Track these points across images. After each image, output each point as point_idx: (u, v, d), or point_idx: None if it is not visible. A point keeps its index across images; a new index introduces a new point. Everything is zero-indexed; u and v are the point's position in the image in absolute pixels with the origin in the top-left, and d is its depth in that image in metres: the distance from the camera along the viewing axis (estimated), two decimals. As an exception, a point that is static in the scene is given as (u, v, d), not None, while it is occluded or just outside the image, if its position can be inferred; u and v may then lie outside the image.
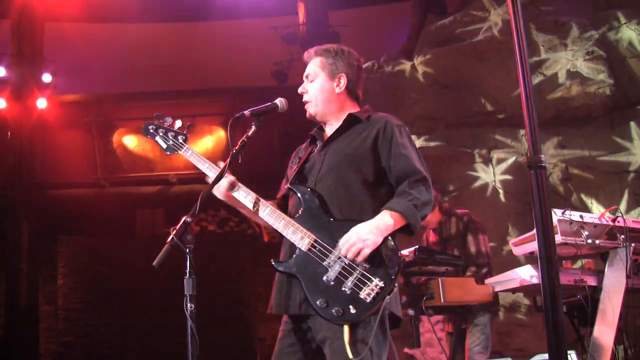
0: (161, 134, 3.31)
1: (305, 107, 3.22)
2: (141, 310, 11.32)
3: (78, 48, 11.97)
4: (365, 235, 2.76)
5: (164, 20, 12.35)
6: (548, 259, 2.39)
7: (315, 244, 2.86)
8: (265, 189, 3.42)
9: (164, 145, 3.31)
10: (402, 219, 2.84)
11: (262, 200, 3.06)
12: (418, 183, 2.92)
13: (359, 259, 2.76)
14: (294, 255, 2.91)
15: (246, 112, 3.02)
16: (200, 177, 3.24)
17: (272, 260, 2.96)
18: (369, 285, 2.74)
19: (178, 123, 3.31)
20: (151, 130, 3.34)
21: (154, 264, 2.61)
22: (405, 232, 2.90)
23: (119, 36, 12.30)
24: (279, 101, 3.14)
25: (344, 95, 3.20)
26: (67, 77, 11.88)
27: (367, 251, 2.76)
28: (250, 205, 3.04)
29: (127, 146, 12.54)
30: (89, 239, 12.50)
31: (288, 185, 3.09)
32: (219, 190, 3.09)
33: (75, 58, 11.96)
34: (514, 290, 4.91)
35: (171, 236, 2.66)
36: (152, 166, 12.55)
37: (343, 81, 3.19)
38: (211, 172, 3.14)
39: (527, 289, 4.75)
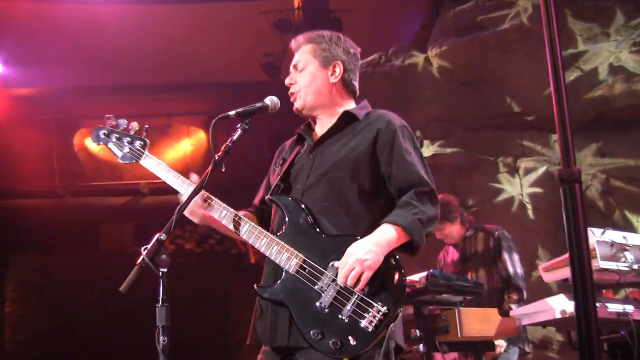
0: (115, 140, 3.28)
1: (292, 100, 3.23)
2: (106, 340, 11.26)
3: (33, 32, 11.94)
4: (364, 255, 2.74)
5: (135, 2, 12.34)
6: (583, 287, 2.39)
7: (305, 265, 2.85)
8: (251, 198, 3.42)
9: (119, 154, 3.27)
10: (405, 235, 2.83)
11: (239, 215, 3.04)
12: (424, 195, 2.93)
13: (361, 285, 2.74)
14: (280, 279, 2.89)
15: (231, 113, 3.01)
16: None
17: (255, 286, 2.95)
18: (370, 312, 2.73)
19: (135, 126, 3.27)
20: (102, 136, 3.31)
21: (120, 289, 2.60)
22: (406, 251, 2.89)
23: (83, 19, 12.26)
24: (270, 100, 3.14)
25: (339, 86, 3.21)
26: (20, 67, 11.86)
27: (368, 274, 2.73)
28: (228, 224, 3.03)
29: (91, 149, 12.48)
30: (45, 258, 12.44)
31: (269, 196, 3.09)
32: (192, 209, 3.06)
33: (29, 45, 11.93)
34: (544, 324, 4.90)
35: (142, 257, 2.65)
36: (119, 173, 12.51)
37: (339, 70, 3.20)
38: (177, 184, 3.11)
39: (559, 323, 4.75)
